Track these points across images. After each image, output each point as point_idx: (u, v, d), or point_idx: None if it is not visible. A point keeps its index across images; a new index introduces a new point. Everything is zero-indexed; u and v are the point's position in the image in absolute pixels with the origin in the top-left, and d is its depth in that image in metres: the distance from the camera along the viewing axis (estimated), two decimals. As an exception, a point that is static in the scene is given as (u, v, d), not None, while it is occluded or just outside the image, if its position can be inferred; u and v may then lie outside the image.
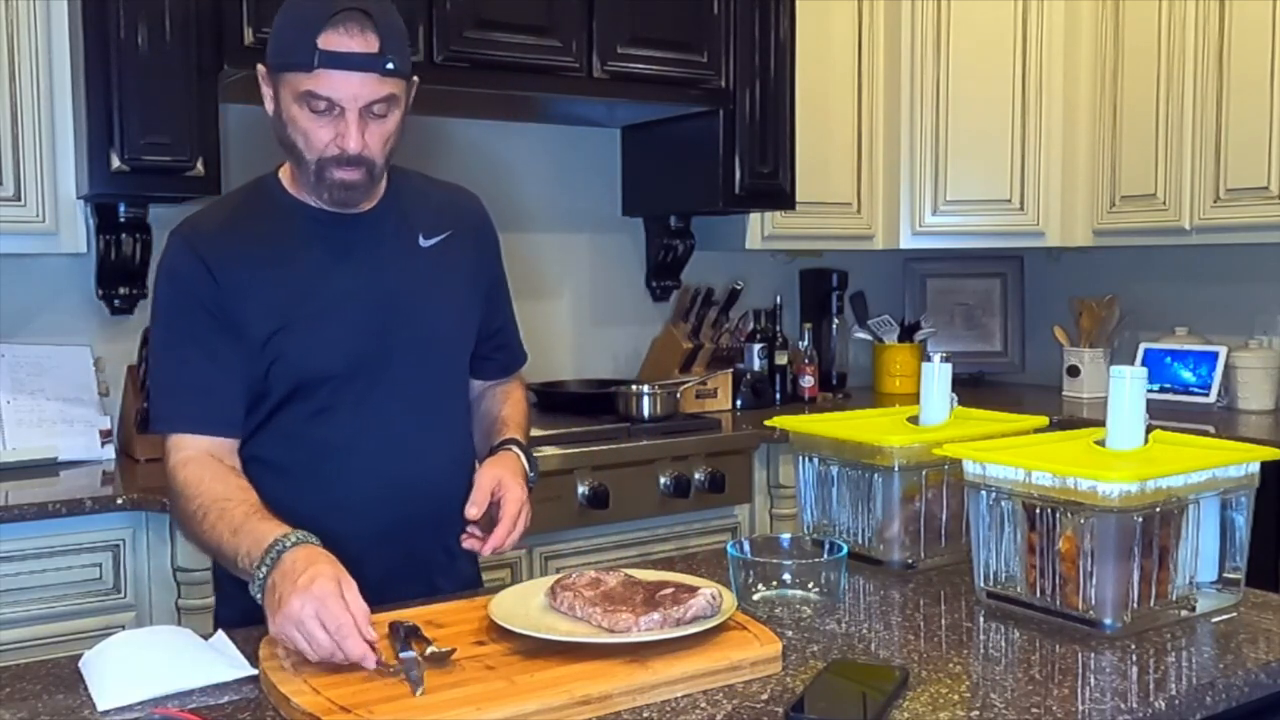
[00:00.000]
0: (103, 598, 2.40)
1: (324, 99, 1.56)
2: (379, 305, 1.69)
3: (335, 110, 1.57)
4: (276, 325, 1.64)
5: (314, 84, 1.55)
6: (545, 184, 3.56)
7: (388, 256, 1.72)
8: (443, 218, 1.79)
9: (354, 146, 1.58)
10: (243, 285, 1.64)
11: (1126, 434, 1.59)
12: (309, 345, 1.66)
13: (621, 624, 1.36)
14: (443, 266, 1.76)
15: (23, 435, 2.67)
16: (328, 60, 1.54)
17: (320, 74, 1.54)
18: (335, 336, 1.67)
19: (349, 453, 1.69)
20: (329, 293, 1.67)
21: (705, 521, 3.11)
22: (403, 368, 1.71)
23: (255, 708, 1.27)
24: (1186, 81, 3.38)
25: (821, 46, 3.62)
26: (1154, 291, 3.88)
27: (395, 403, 1.71)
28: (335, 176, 1.61)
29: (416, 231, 1.76)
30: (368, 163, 1.61)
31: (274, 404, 1.68)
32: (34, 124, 2.59)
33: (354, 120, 1.57)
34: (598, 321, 3.70)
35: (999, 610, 1.60)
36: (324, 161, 1.60)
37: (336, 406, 1.68)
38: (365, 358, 1.68)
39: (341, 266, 1.69)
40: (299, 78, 1.56)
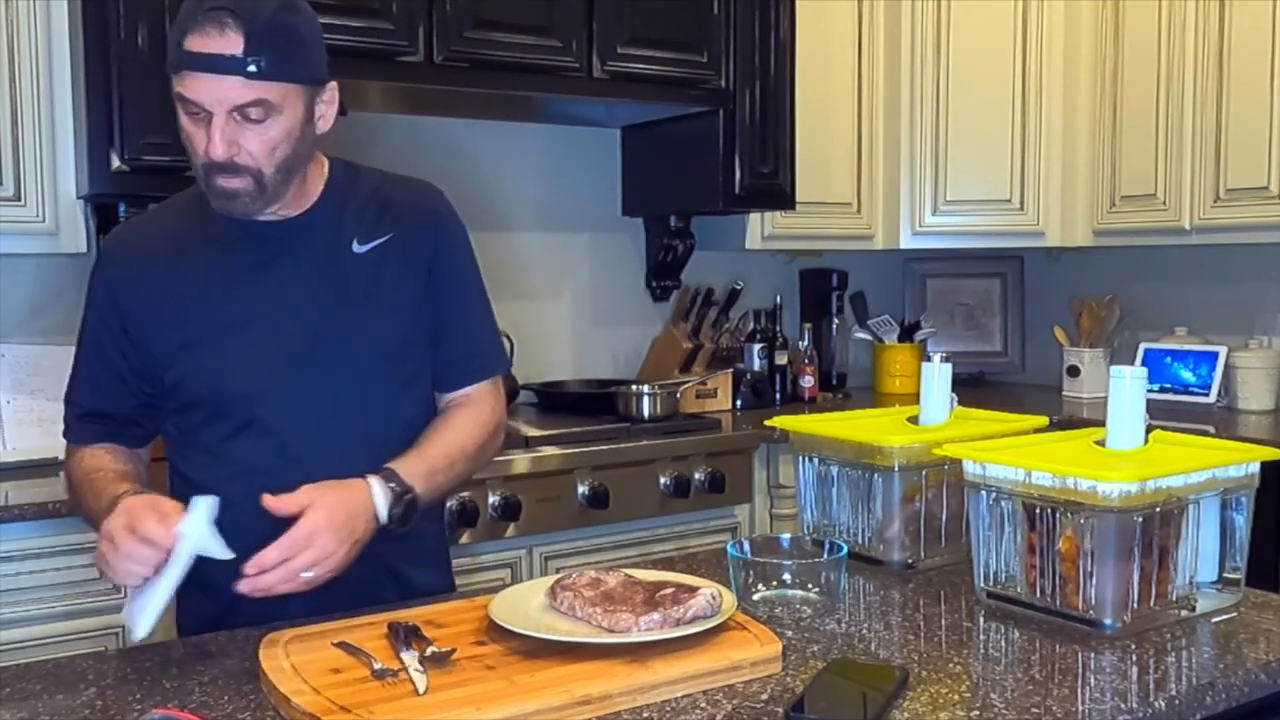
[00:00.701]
0: (103, 598, 2.39)
1: (190, 102, 1.51)
2: (299, 318, 1.62)
3: (203, 114, 1.51)
4: (184, 342, 1.61)
5: (181, 86, 1.51)
6: (545, 184, 3.56)
7: (313, 265, 1.64)
8: (385, 220, 1.69)
9: (216, 153, 1.51)
10: (153, 301, 1.62)
11: (1126, 434, 1.59)
12: (219, 362, 1.61)
13: (621, 624, 1.36)
14: (375, 273, 1.66)
15: (23, 435, 2.67)
16: (188, 61, 1.49)
17: (184, 76, 1.50)
18: (247, 353, 1.61)
19: (264, 473, 1.56)
20: (244, 306, 1.61)
21: (705, 521, 3.11)
22: (324, 383, 1.63)
23: (255, 708, 1.27)
24: (1186, 81, 3.38)
25: (821, 46, 3.62)
26: (1154, 291, 3.88)
27: (316, 420, 1.62)
28: (216, 184, 1.55)
29: (351, 236, 1.66)
30: (250, 171, 1.54)
31: (190, 421, 1.66)
32: (34, 124, 2.59)
33: (218, 125, 1.50)
34: (598, 321, 3.70)
35: (999, 610, 1.60)
36: (206, 168, 1.54)
37: (254, 424, 1.62)
38: (281, 374, 1.61)
39: (261, 278, 1.63)
40: (173, 80, 1.52)
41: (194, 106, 1.51)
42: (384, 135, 3.18)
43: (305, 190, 1.65)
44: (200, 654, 1.44)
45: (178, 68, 1.50)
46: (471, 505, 2.70)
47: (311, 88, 1.58)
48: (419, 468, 1.61)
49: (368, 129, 3.17)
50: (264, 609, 1.48)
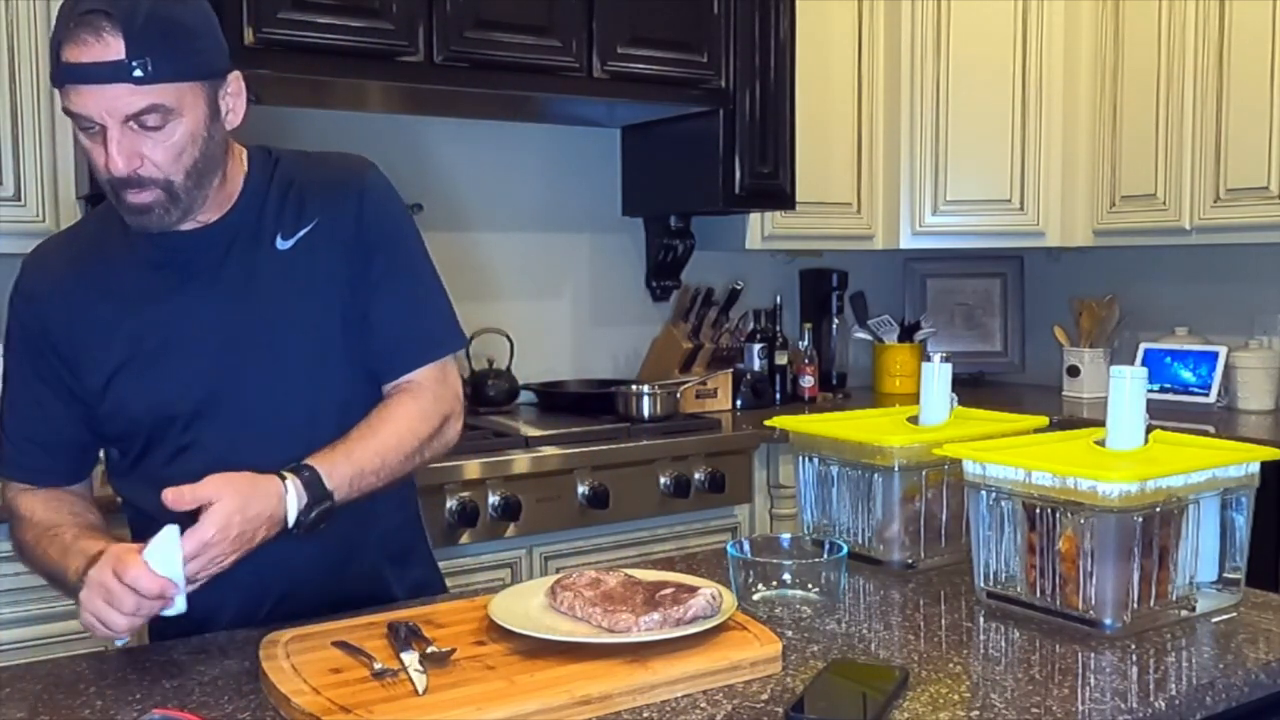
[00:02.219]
0: (103, 598, 2.39)
1: (80, 117, 1.39)
2: (227, 331, 1.52)
3: (98, 128, 1.39)
4: (114, 367, 1.51)
5: (67, 101, 1.39)
6: (545, 184, 3.57)
7: (235, 276, 1.53)
8: (308, 207, 1.56)
9: (116, 169, 1.39)
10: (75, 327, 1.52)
11: (1126, 434, 1.59)
12: (150, 385, 1.51)
13: (621, 624, 1.36)
14: (304, 268, 1.54)
15: (23, 435, 2.66)
16: (68, 74, 1.36)
17: (68, 90, 1.37)
18: (178, 373, 1.51)
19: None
20: (169, 325, 1.51)
21: (705, 521, 3.11)
22: (261, 395, 1.53)
23: (255, 708, 1.27)
24: (1186, 81, 3.38)
25: (821, 46, 3.62)
26: (1154, 291, 3.88)
27: (255, 435, 1.51)
28: (127, 200, 1.43)
29: (274, 233, 1.55)
30: (158, 183, 1.42)
31: (131, 447, 1.56)
32: (34, 124, 2.59)
33: (114, 138, 1.38)
34: (598, 321, 3.70)
35: (999, 610, 1.60)
36: (111, 184, 1.42)
37: (192, 446, 1.52)
38: (215, 392, 1.52)
39: (183, 293, 1.52)
40: (59, 94, 1.39)
41: (85, 121, 1.39)
42: (384, 135, 3.18)
43: (225, 191, 1.53)
44: (200, 654, 1.44)
45: (59, 81, 1.38)
46: (471, 505, 2.70)
47: (211, 82, 1.45)
48: (345, 471, 1.47)
49: (368, 129, 3.16)
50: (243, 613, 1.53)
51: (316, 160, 1.64)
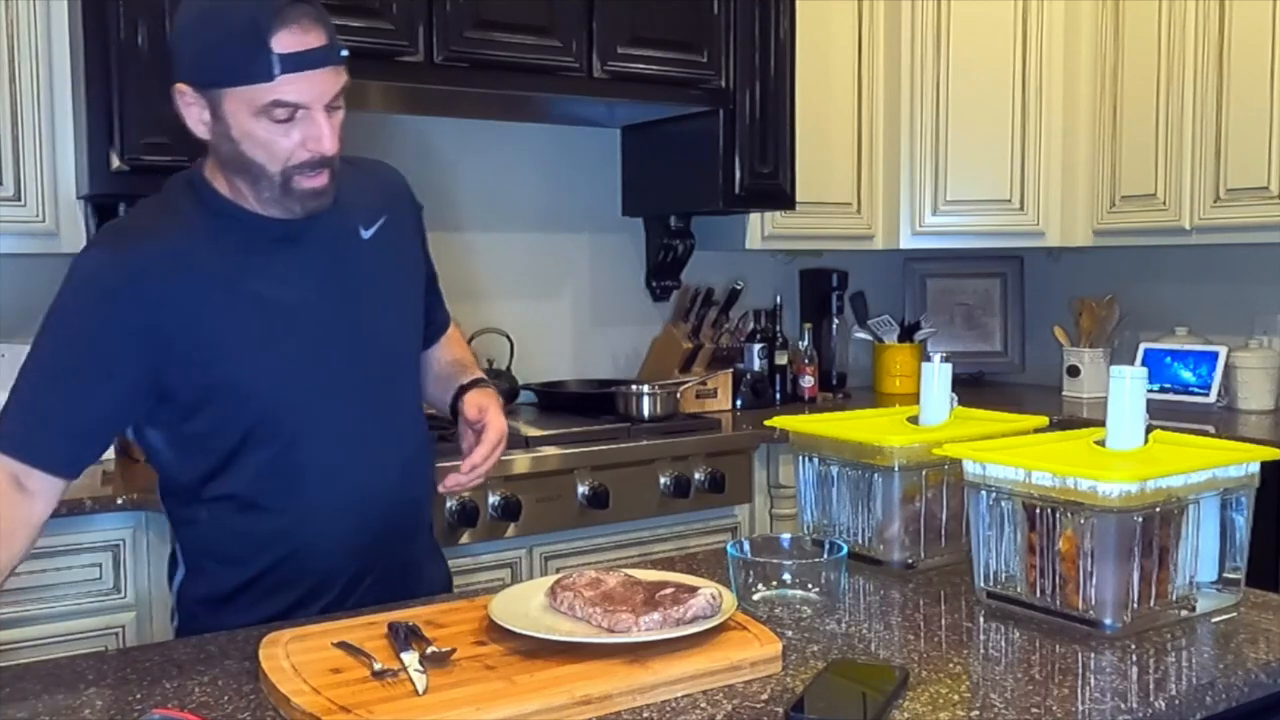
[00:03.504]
0: (103, 598, 2.40)
1: (291, 105, 1.45)
2: (333, 316, 1.59)
3: (298, 115, 1.46)
4: (225, 352, 1.52)
5: (277, 92, 1.43)
6: (545, 184, 3.56)
7: (334, 261, 1.61)
8: (376, 202, 1.68)
9: (329, 146, 1.49)
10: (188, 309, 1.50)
11: (1126, 434, 1.59)
12: (263, 369, 1.55)
13: (621, 624, 1.36)
14: (385, 257, 1.67)
15: (23, 435, 2.66)
16: (291, 64, 1.42)
17: (283, 81, 1.43)
18: (291, 357, 1.56)
19: (323, 479, 1.60)
20: (279, 311, 1.55)
21: (705, 521, 3.11)
22: (363, 379, 1.62)
23: (255, 708, 1.27)
24: (1186, 81, 3.38)
25: (821, 46, 3.62)
26: (1154, 291, 3.88)
27: (359, 417, 1.62)
28: (304, 186, 1.50)
29: (356, 224, 1.64)
30: (331, 162, 1.52)
31: (233, 438, 1.56)
32: (34, 124, 2.59)
33: (324, 120, 1.48)
34: (598, 321, 3.70)
35: (999, 610, 1.60)
36: (289, 171, 1.49)
37: (302, 432, 1.58)
38: (323, 375, 1.58)
39: (291, 281, 1.57)
40: (257, 90, 1.43)
41: (287, 109, 1.45)
42: (384, 135, 3.18)
43: None
44: (200, 654, 1.44)
45: (270, 73, 1.42)
46: (471, 505, 2.70)
47: None
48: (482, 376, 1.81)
49: (368, 129, 3.17)
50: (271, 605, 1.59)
51: (358, 161, 1.71)
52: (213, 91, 1.46)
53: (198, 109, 1.49)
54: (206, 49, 1.45)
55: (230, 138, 1.48)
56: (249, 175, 1.51)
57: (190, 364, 1.52)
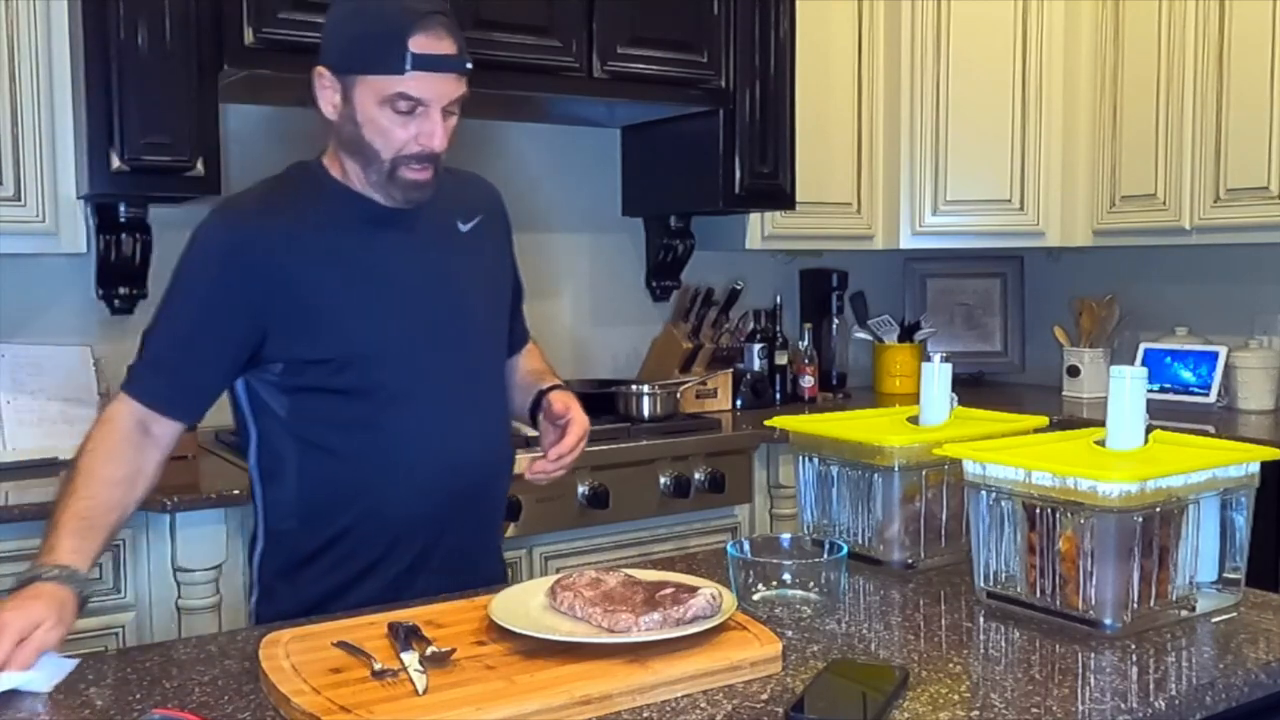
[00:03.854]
0: (103, 598, 2.39)
1: (413, 100, 1.62)
2: (432, 292, 1.74)
3: (417, 110, 1.63)
4: (334, 314, 1.67)
5: (404, 85, 1.61)
6: (545, 184, 3.56)
7: (436, 244, 1.77)
8: (473, 204, 1.86)
9: (440, 145, 1.65)
10: (295, 273, 1.66)
11: (1126, 434, 1.59)
12: (368, 335, 1.69)
13: (621, 624, 1.36)
14: (479, 250, 1.84)
15: (23, 435, 2.67)
16: (422, 63, 1.60)
17: (412, 76, 1.60)
18: (393, 325, 1.71)
19: (410, 439, 1.72)
20: (385, 282, 1.71)
21: (705, 521, 3.11)
22: (454, 351, 1.76)
23: (255, 708, 1.27)
24: (1186, 81, 3.38)
25: (821, 46, 3.62)
26: (1154, 291, 3.88)
27: (449, 385, 1.75)
28: (407, 176, 1.67)
29: (455, 218, 1.82)
30: (437, 160, 1.68)
31: (334, 393, 1.70)
32: (34, 124, 2.59)
33: (438, 119, 1.65)
34: (598, 321, 3.70)
35: (999, 610, 1.60)
36: (398, 160, 1.66)
37: (395, 394, 1.71)
38: (421, 344, 1.72)
39: (396, 256, 1.73)
40: (386, 80, 1.61)
41: (410, 103, 1.62)
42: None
43: None
44: (200, 654, 1.44)
45: (402, 67, 1.59)
46: (471, 505, 2.70)
47: None
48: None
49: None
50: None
51: (457, 171, 1.88)
52: (348, 77, 1.64)
53: (331, 91, 1.67)
54: (351, 39, 1.64)
55: (354, 121, 1.65)
56: (362, 158, 1.68)
57: (293, 327, 1.67)
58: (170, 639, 1.69)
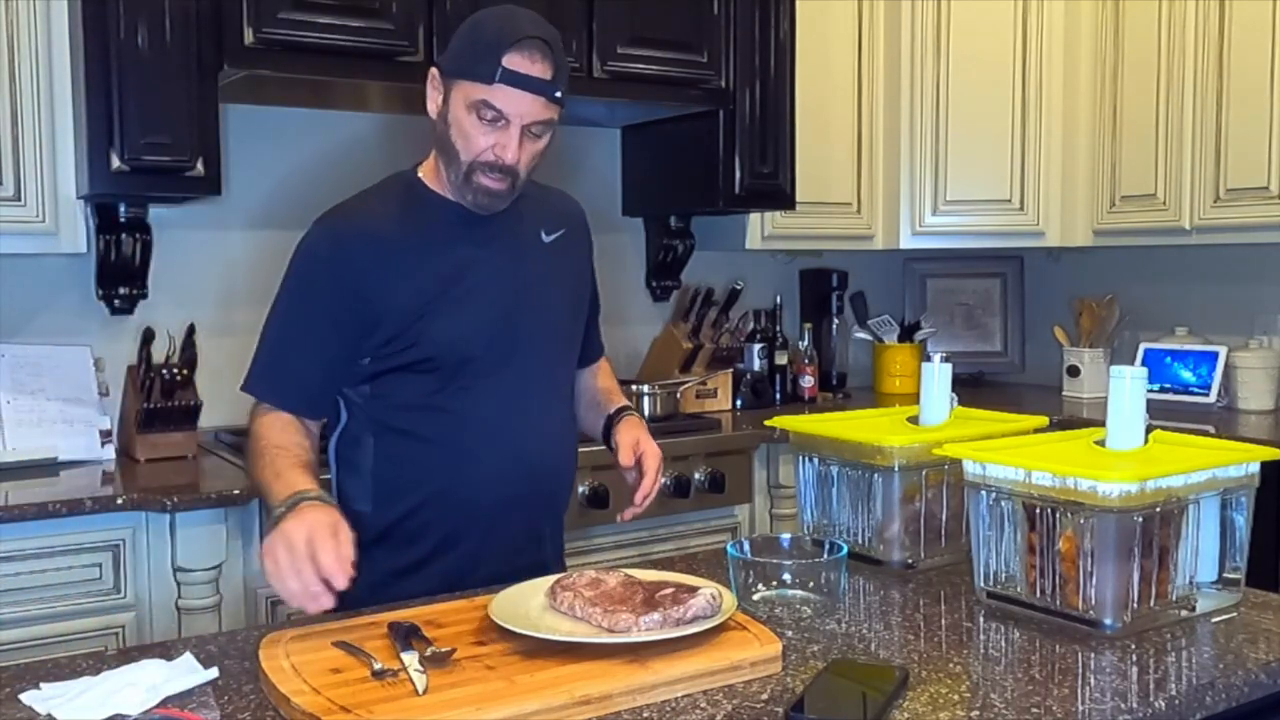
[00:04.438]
0: (103, 598, 2.40)
1: (496, 111, 1.69)
2: (513, 294, 1.82)
3: (501, 122, 1.70)
4: (420, 310, 1.75)
5: (490, 95, 1.69)
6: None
7: (519, 250, 1.86)
8: (558, 217, 1.96)
9: (511, 159, 1.72)
10: (387, 273, 1.75)
11: (1126, 434, 1.59)
12: (452, 328, 1.77)
13: (621, 624, 1.36)
14: (560, 261, 1.92)
15: (23, 435, 2.67)
16: (508, 78, 1.68)
17: (498, 88, 1.68)
18: (475, 321, 1.79)
19: (483, 426, 1.80)
20: (470, 281, 1.79)
21: (705, 521, 3.11)
22: (530, 350, 1.84)
23: (255, 708, 1.27)
24: (1186, 81, 3.38)
25: (821, 46, 3.62)
26: (1154, 291, 3.88)
27: (523, 382, 1.83)
28: (481, 182, 1.74)
29: (539, 228, 1.90)
30: (514, 175, 1.75)
31: (416, 381, 1.78)
32: (34, 124, 2.59)
33: (516, 134, 1.71)
34: (598, 321, 3.70)
35: (999, 610, 1.60)
36: (475, 165, 1.73)
37: (474, 384, 1.79)
38: (500, 340, 1.81)
39: (481, 258, 1.81)
40: (476, 87, 1.69)
41: (494, 114, 1.70)
42: (384, 135, 3.18)
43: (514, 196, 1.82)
44: (200, 654, 1.44)
45: (493, 79, 1.68)
46: (471, 505, 2.70)
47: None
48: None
49: (368, 129, 3.17)
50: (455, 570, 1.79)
51: (547, 188, 2.00)
52: (450, 80, 1.74)
53: (436, 91, 1.77)
54: (460, 46, 1.75)
55: (446, 120, 1.75)
56: (446, 157, 1.77)
57: (378, 319, 1.76)
58: (170, 639, 1.70)
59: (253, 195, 3.05)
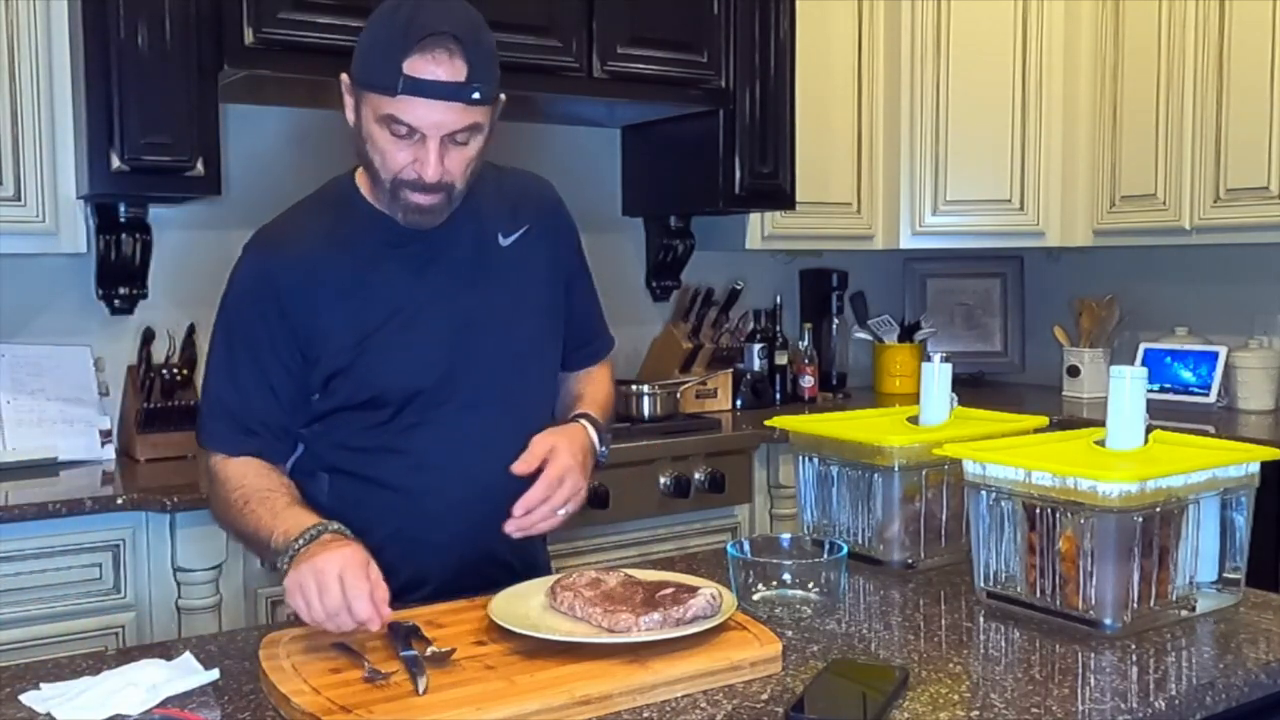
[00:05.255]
0: (103, 598, 2.40)
1: (405, 125, 1.51)
2: (462, 317, 1.66)
3: (416, 135, 1.52)
4: (356, 345, 1.61)
5: (396, 109, 1.50)
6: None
7: (468, 264, 1.68)
8: (520, 212, 1.75)
9: (433, 175, 1.53)
10: (318, 307, 1.61)
11: (1126, 434, 1.59)
12: (394, 364, 1.63)
13: (621, 624, 1.36)
14: (523, 265, 1.73)
15: (23, 435, 2.67)
16: (412, 87, 1.48)
17: (403, 100, 1.49)
18: (420, 353, 1.64)
19: (438, 467, 1.66)
20: (411, 308, 1.64)
21: (705, 521, 3.11)
22: (488, 376, 1.68)
23: (255, 708, 1.27)
24: (1186, 81, 3.38)
25: (821, 46, 3.62)
26: (1154, 291, 3.88)
27: (483, 412, 1.68)
28: (409, 199, 1.57)
29: (495, 231, 1.71)
30: (446, 187, 1.57)
31: (358, 419, 1.65)
32: (34, 124, 2.59)
33: (434, 149, 1.52)
34: (598, 321, 3.70)
35: (999, 610, 1.60)
36: (398, 183, 1.56)
37: (425, 421, 1.65)
38: (450, 371, 1.65)
39: (423, 280, 1.65)
40: (381, 100, 1.51)
41: (405, 128, 1.51)
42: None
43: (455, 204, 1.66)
44: (200, 654, 1.44)
45: (396, 90, 1.48)
46: (471, 505, 2.70)
47: (497, 104, 1.58)
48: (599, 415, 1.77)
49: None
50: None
51: (509, 172, 1.80)
52: (358, 89, 1.56)
53: (350, 99, 1.59)
54: (363, 48, 1.55)
55: (361, 135, 1.58)
56: (370, 172, 1.61)
57: (316, 353, 1.63)
58: (170, 639, 1.69)
59: (253, 195, 3.05)
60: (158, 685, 1.29)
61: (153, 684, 1.29)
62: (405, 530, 1.64)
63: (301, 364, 1.63)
